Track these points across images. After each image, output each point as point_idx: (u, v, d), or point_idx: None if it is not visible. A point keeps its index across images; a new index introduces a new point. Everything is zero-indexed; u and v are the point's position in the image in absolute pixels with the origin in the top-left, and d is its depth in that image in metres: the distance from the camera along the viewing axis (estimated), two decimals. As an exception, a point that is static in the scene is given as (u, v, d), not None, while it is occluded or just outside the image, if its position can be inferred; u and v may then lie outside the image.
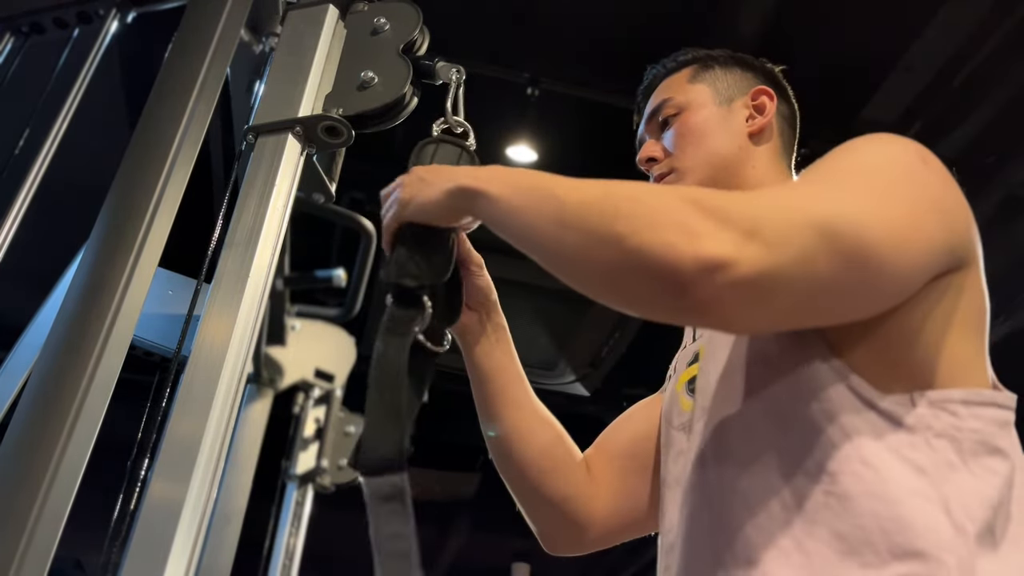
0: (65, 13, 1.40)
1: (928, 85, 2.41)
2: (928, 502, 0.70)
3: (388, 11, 1.11)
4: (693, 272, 0.63)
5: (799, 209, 0.68)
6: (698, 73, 1.12)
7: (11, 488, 0.76)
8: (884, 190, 0.73)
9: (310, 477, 2.44)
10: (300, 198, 1.04)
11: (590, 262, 0.71)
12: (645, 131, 1.14)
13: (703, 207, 0.66)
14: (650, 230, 0.66)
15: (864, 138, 0.82)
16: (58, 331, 0.87)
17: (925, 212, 0.75)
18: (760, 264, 0.63)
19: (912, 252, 0.73)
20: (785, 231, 0.66)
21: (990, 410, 0.76)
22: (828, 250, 0.66)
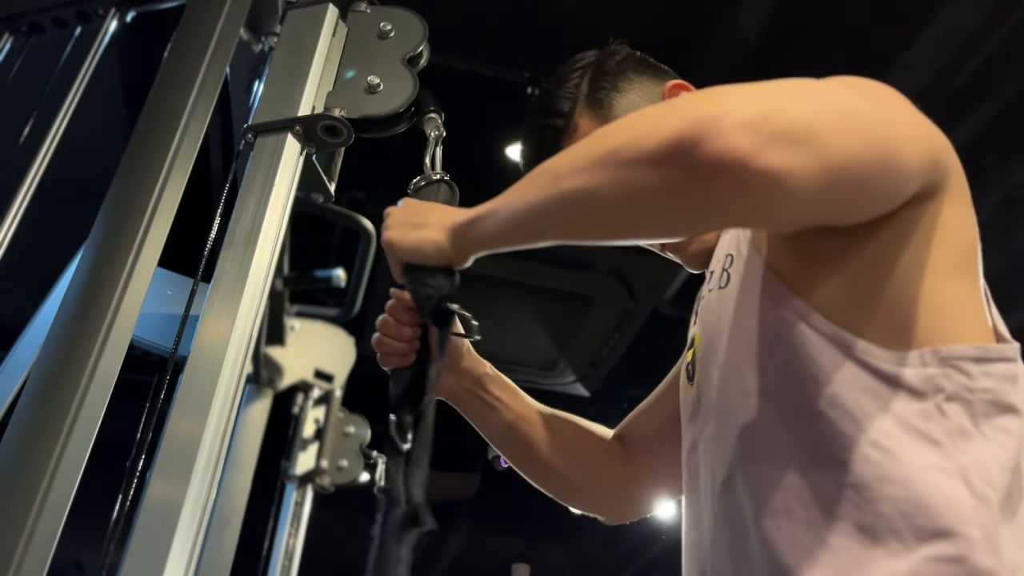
0: (64, 13, 1.40)
1: (928, 85, 2.41)
2: (946, 476, 0.68)
3: (393, 17, 1.11)
4: (693, 132, 0.60)
5: (782, 89, 0.67)
6: (600, 112, 1.03)
7: (11, 488, 0.76)
8: (867, 97, 0.75)
9: (310, 477, 2.43)
10: (300, 198, 1.04)
11: (597, 195, 0.67)
12: None
13: (684, 99, 0.68)
14: (640, 130, 0.65)
15: None
16: (58, 331, 0.87)
17: (906, 111, 0.75)
18: (756, 107, 0.61)
19: (910, 142, 0.72)
20: (773, 96, 0.64)
21: (1000, 365, 0.73)
22: (830, 110, 0.65)
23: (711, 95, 0.65)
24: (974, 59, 2.33)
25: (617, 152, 0.65)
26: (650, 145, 0.62)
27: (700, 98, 0.64)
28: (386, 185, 2.92)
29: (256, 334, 0.88)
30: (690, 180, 0.61)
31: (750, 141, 0.58)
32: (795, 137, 0.60)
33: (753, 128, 0.59)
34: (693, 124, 0.60)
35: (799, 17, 2.28)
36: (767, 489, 0.75)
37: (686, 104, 0.64)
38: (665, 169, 0.62)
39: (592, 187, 0.67)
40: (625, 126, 0.69)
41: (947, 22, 2.25)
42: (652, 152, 0.62)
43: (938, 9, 2.22)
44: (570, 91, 1.05)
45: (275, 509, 2.44)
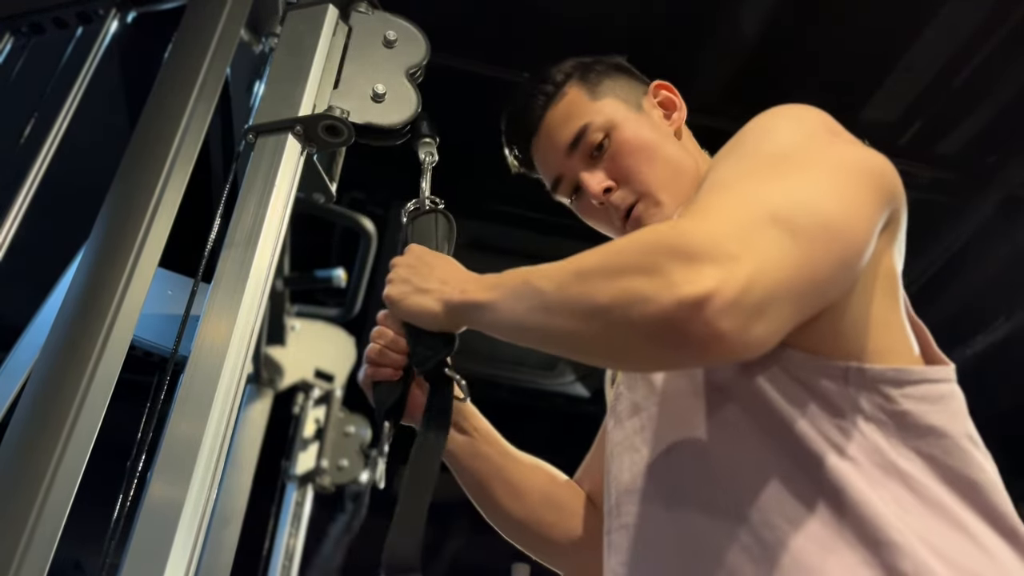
0: (65, 13, 1.40)
1: (928, 85, 2.41)
2: (870, 490, 0.70)
3: (397, 27, 1.12)
4: (682, 318, 0.63)
5: (750, 211, 0.68)
6: (590, 88, 1.06)
7: (11, 488, 0.76)
8: (816, 165, 0.75)
9: (310, 477, 2.43)
10: (300, 198, 1.04)
11: (585, 341, 0.72)
12: (563, 168, 1.06)
13: (663, 250, 0.66)
14: (626, 294, 0.66)
15: (770, 114, 0.83)
16: (58, 331, 0.87)
17: (859, 175, 0.76)
18: (739, 280, 0.63)
19: (865, 214, 0.74)
20: (747, 238, 0.65)
21: (922, 387, 0.76)
22: (795, 238, 0.66)
23: (691, 256, 0.65)
24: (974, 59, 2.33)
25: (608, 311, 0.67)
26: (638, 318, 0.65)
27: (683, 258, 0.65)
28: (386, 185, 2.92)
29: (257, 334, 0.88)
30: (678, 351, 0.67)
31: (735, 323, 0.63)
32: (775, 304, 0.65)
33: (738, 308, 0.63)
34: (682, 309, 0.63)
35: (798, 17, 2.28)
36: (700, 487, 0.77)
37: (667, 270, 0.65)
38: (656, 342, 0.66)
39: (581, 336, 0.71)
40: (610, 274, 0.69)
41: (947, 22, 2.25)
42: (642, 326, 0.65)
43: (938, 9, 2.22)
44: (566, 69, 1.09)
45: (275, 509, 2.44)
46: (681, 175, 1.01)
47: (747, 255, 0.64)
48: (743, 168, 0.76)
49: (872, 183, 0.76)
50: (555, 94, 1.07)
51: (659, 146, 1.02)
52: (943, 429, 0.74)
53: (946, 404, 0.76)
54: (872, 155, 0.80)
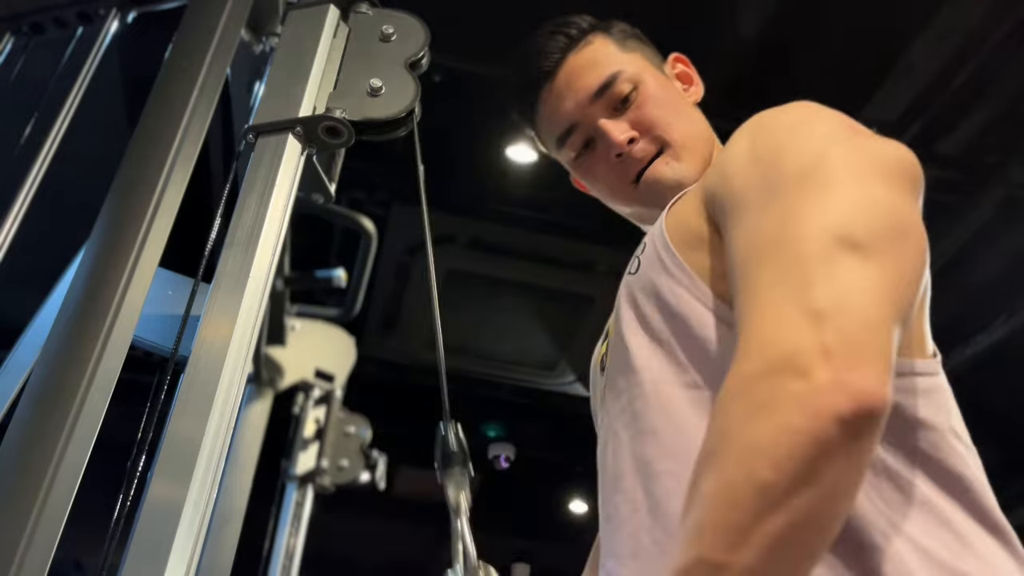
0: (65, 13, 1.40)
1: (928, 85, 2.41)
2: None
3: (395, 21, 1.11)
4: (830, 414, 0.56)
5: (810, 253, 0.64)
6: (618, 41, 1.03)
7: (11, 488, 0.76)
8: (854, 169, 0.71)
9: (310, 477, 2.43)
10: (300, 198, 1.04)
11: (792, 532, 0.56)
12: (582, 116, 0.99)
13: (755, 381, 0.59)
14: (773, 451, 0.56)
15: (776, 125, 0.79)
16: (59, 331, 0.87)
17: (895, 170, 0.74)
18: (839, 332, 0.59)
19: (913, 205, 0.72)
20: (824, 290, 0.61)
21: (906, 380, 0.74)
22: (868, 254, 0.64)
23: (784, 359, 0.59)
24: (974, 59, 2.33)
25: (774, 484, 0.56)
26: (802, 448, 0.56)
27: (780, 370, 0.59)
28: (386, 185, 2.93)
29: (257, 334, 0.88)
30: (853, 433, 0.57)
31: (865, 372, 0.58)
32: (880, 329, 0.60)
33: (853, 357, 0.58)
34: (818, 402, 0.57)
35: (800, 17, 2.28)
36: (678, 475, 0.75)
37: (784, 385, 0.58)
38: (832, 443, 0.56)
39: (780, 536, 0.55)
40: (740, 461, 0.58)
41: (947, 22, 2.25)
42: (811, 450, 0.56)
43: (938, 9, 2.22)
44: (589, 19, 1.05)
45: (275, 509, 2.44)
46: (703, 140, 1.00)
47: (834, 307, 0.60)
48: (775, 209, 0.70)
49: (907, 176, 0.74)
50: (580, 38, 1.02)
51: (686, 108, 1.02)
52: (931, 423, 0.73)
53: (934, 397, 0.75)
54: (897, 146, 0.78)
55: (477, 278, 3.21)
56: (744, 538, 0.55)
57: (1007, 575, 0.68)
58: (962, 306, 3.01)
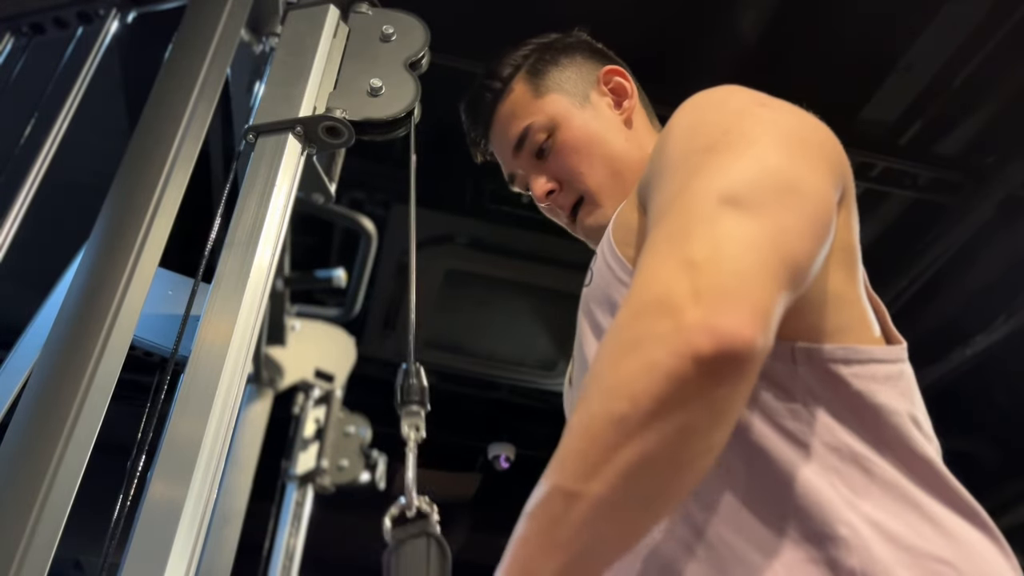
0: (65, 13, 1.40)
1: (928, 85, 2.41)
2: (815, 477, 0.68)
3: (394, 20, 1.12)
4: (692, 354, 0.57)
5: (695, 213, 0.65)
6: (536, 83, 1.05)
7: (11, 488, 0.76)
8: (756, 138, 0.72)
9: (310, 477, 2.43)
10: (300, 198, 1.04)
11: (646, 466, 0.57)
12: (513, 167, 1.07)
13: (626, 324, 0.60)
14: (630, 385, 0.57)
15: (690, 107, 0.79)
16: (59, 331, 0.87)
17: (804, 142, 0.74)
18: (711, 279, 0.59)
19: (820, 175, 0.71)
20: (701, 243, 0.62)
21: (871, 367, 0.74)
22: (755, 212, 0.64)
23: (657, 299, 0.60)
24: (974, 59, 2.33)
25: (628, 416, 0.57)
26: (661, 383, 0.57)
27: (655, 310, 0.60)
28: (386, 185, 2.92)
29: (257, 334, 0.88)
30: (720, 378, 0.58)
31: (735, 318, 0.58)
32: (760, 282, 0.61)
33: (726, 303, 0.59)
34: (685, 342, 0.57)
35: (799, 17, 2.28)
36: None
37: (655, 324, 0.59)
38: (694, 386, 0.57)
39: (633, 468, 0.57)
40: (601, 394, 0.59)
41: (947, 22, 2.25)
42: (669, 386, 0.57)
43: (938, 9, 2.22)
44: (516, 60, 1.09)
45: (275, 509, 2.44)
46: (624, 172, 1.01)
47: (709, 257, 0.61)
48: (679, 180, 0.71)
49: (810, 145, 0.74)
50: (502, 91, 1.07)
51: (601, 143, 1.02)
52: (892, 408, 0.73)
53: (894, 383, 0.75)
54: (813, 123, 0.78)
55: (477, 278, 3.21)
56: (597, 469, 0.57)
57: (983, 556, 0.68)
58: (962, 306, 3.01)
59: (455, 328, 3.53)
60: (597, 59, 1.10)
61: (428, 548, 0.77)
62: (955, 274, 2.92)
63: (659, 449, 0.57)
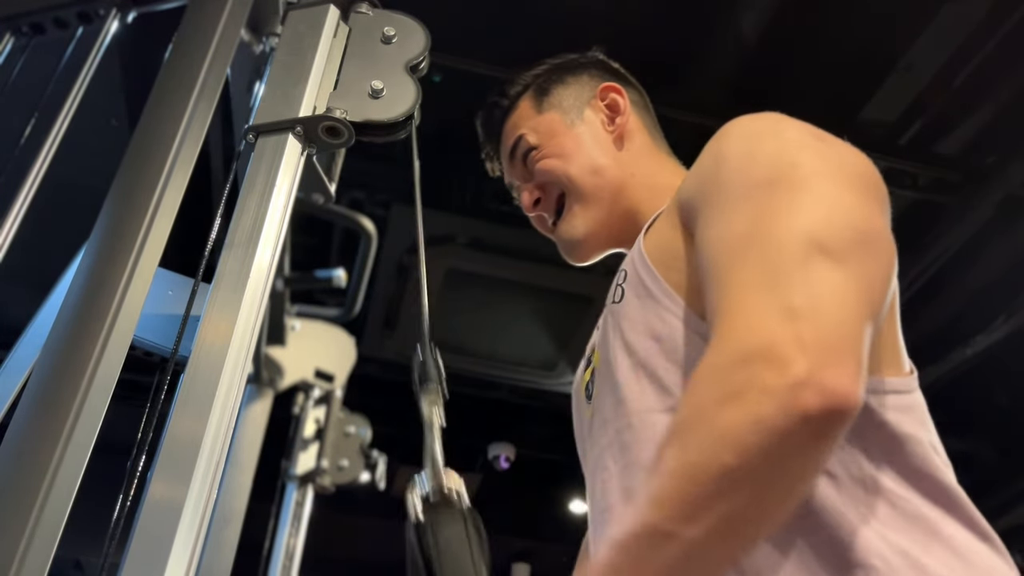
0: (65, 13, 1.40)
1: (928, 85, 2.41)
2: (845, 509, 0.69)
3: (396, 23, 1.12)
4: (802, 405, 0.57)
5: (783, 257, 0.65)
6: (540, 100, 1.10)
7: (11, 488, 0.76)
8: (823, 176, 0.72)
9: (310, 477, 2.43)
10: (300, 198, 1.04)
11: (747, 506, 0.59)
12: (511, 177, 1.12)
13: (731, 370, 0.60)
14: (741, 428, 0.58)
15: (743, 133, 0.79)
16: (59, 331, 0.87)
17: (862, 180, 0.74)
18: (817, 333, 0.59)
19: (880, 216, 0.72)
20: (797, 288, 0.62)
21: (891, 398, 0.74)
22: (841, 262, 0.64)
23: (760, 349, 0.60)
24: (974, 59, 2.33)
25: (744, 461, 0.57)
26: (767, 439, 0.57)
27: (757, 360, 0.59)
28: (386, 185, 2.92)
29: (257, 334, 0.88)
30: (819, 435, 0.58)
31: (840, 371, 0.58)
32: (856, 334, 0.61)
33: (832, 357, 0.59)
34: (794, 398, 0.57)
35: (799, 17, 2.28)
36: None
37: (759, 376, 0.58)
38: (796, 445, 0.58)
39: (727, 517, 0.58)
40: (711, 432, 0.59)
41: (947, 22, 2.25)
42: (776, 442, 0.57)
43: (938, 9, 2.22)
44: (526, 79, 1.13)
45: (275, 509, 2.44)
46: (602, 187, 1.03)
47: (808, 308, 0.60)
48: (746, 212, 0.71)
49: (872, 186, 0.75)
50: (509, 108, 1.12)
51: (583, 155, 1.04)
52: (917, 438, 0.74)
53: (915, 413, 0.76)
54: (862, 156, 0.78)
55: (477, 278, 3.21)
56: (696, 514, 0.58)
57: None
58: (962, 306, 3.01)
59: (455, 328, 3.53)
60: (603, 77, 1.12)
61: (467, 527, 0.73)
62: (955, 274, 2.92)
63: (759, 500, 0.59)
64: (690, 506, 0.59)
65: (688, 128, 2.35)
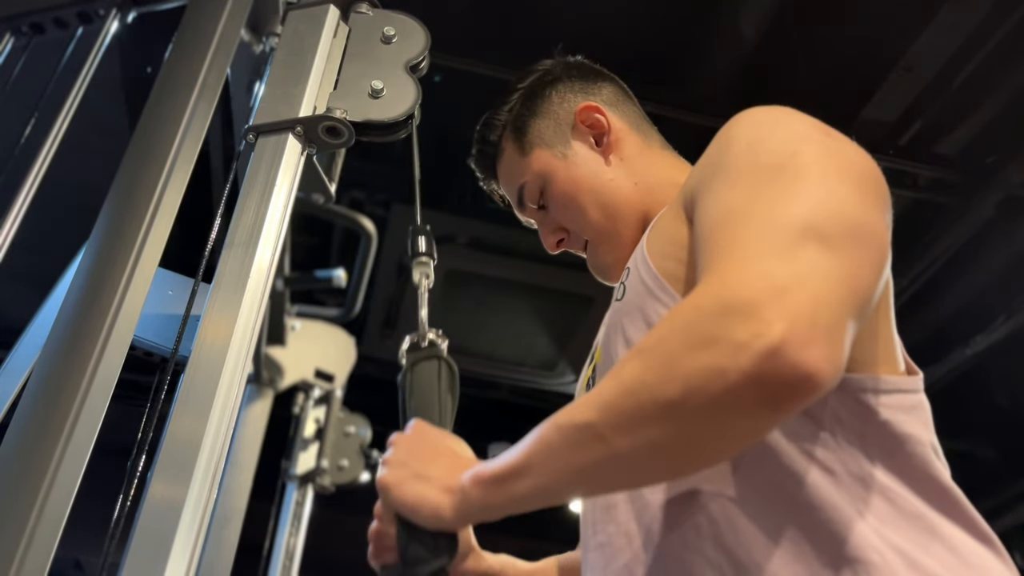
0: (65, 13, 1.40)
1: (928, 85, 2.41)
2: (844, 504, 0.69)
3: (395, 22, 1.12)
4: (769, 371, 0.57)
5: (778, 234, 0.65)
6: (520, 141, 1.09)
7: (11, 488, 0.76)
8: (825, 168, 0.72)
9: (310, 477, 2.43)
10: (300, 198, 1.04)
11: (668, 448, 0.61)
12: (527, 217, 1.14)
13: (710, 317, 0.60)
14: (697, 377, 0.58)
15: (751, 120, 0.80)
16: (59, 331, 0.87)
17: (864, 177, 0.74)
18: (803, 309, 0.59)
19: (880, 215, 0.72)
20: (788, 265, 0.62)
21: (895, 397, 0.74)
22: (833, 249, 0.64)
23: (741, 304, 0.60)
24: (974, 59, 2.33)
25: (683, 403, 0.59)
26: (723, 393, 0.58)
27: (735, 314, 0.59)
28: (386, 185, 2.92)
29: (257, 334, 0.88)
30: (778, 406, 0.59)
31: (819, 352, 0.57)
32: (841, 320, 0.61)
33: (815, 336, 0.58)
34: (765, 363, 0.57)
35: (799, 17, 2.28)
36: (671, 504, 0.75)
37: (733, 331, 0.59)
38: (751, 409, 0.58)
39: (661, 445, 0.61)
40: (669, 367, 0.61)
41: (947, 22, 2.25)
42: (730, 399, 0.58)
43: (938, 9, 2.22)
44: (501, 118, 1.12)
45: (275, 509, 2.44)
46: (619, 210, 1.03)
47: (796, 283, 0.60)
48: (747, 189, 0.71)
49: (873, 184, 0.75)
50: (495, 154, 1.12)
51: (588, 191, 1.04)
52: (917, 438, 0.74)
53: (918, 414, 0.76)
54: (866, 157, 0.78)
55: (477, 278, 3.21)
56: (629, 428, 0.61)
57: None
58: (962, 306, 3.01)
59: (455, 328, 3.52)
60: (577, 92, 1.10)
61: (439, 367, 0.87)
62: (955, 274, 2.92)
63: (689, 440, 0.61)
64: (627, 419, 0.62)
65: (688, 128, 2.35)
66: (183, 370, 0.83)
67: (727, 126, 0.83)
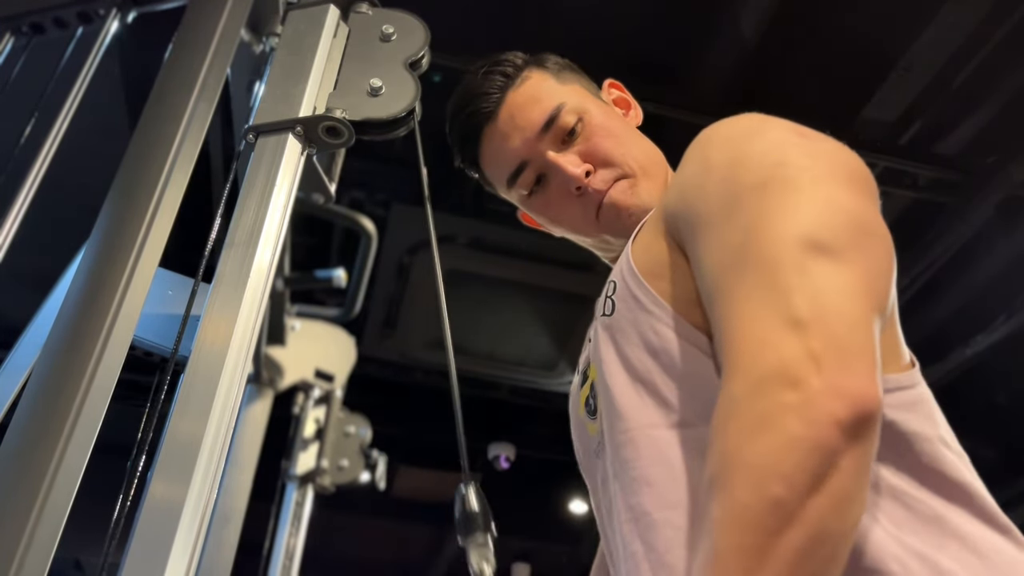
0: (65, 13, 1.40)
1: (928, 85, 2.41)
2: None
3: (395, 20, 1.12)
4: (823, 416, 0.56)
5: (782, 259, 0.64)
6: (556, 72, 1.02)
7: (11, 488, 0.76)
8: (811, 174, 0.71)
9: (310, 477, 2.44)
10: (300, 198, 1.04)
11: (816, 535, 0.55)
12: (533, 151, 0.98)
13: (746, 397, 0.59)
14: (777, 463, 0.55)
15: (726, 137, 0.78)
16: (59, 331, 0.87)
17: (851, 174, 0.74)
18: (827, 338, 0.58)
19: (873, 206, 0.72)
20: (801, 295, 0.61)
21: (896, 395, 0.73)
22: (839, 258, 0.64)
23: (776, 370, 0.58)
24: (974, 59, 2.33)
25: (784, 500, 0.55)
26: (804, 454, 0.55)
27: (776, 382, 0.58)
28: (386, 185, 2.92)
29: (257, 334, 0.88)
30: (849, 436, 0.57)
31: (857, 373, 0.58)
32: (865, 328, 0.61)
33: (845, 361, 0.58)
34: (816, 411, 0.56)
35: (799, 17, 2.28)
36: (683, 523, 0.72)
37: (777, 396, 0.57)
38: (831, 450, 0.56)
39: (808, 539, 0.55)
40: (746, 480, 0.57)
41: (947, 22, 2.25)
42: (814, 455, 0.56)
43: (938, 9, 2.22)
44: (521, 55, 1.04)
45: (275, 509, 2.44)
46: (656, 163, 0.99)
47: (815, 313, 0.60)
48: (741, 219, 0.69)
49: (861, 178, 0.74)
50: (516, 75, 1.01)
51: (628, 133, 1.00)
52: (924, 435, 0.72)
53: (920, 408, 0.74)
54: (848, 151, 0.77)
55: (477, 278, 3.21)
56: (763, 559, 0.54)
57: None
58: (962, 306, 3.01)
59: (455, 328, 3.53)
60: (584, 74, 1.08)
61: None
62: (955, 274, 2.92)
63: (822, 523, 0.56)
64: (753, 553, 0.54)
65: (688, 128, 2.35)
66: (183, 370, 0.83)
67: (701, 144, 0.81)
